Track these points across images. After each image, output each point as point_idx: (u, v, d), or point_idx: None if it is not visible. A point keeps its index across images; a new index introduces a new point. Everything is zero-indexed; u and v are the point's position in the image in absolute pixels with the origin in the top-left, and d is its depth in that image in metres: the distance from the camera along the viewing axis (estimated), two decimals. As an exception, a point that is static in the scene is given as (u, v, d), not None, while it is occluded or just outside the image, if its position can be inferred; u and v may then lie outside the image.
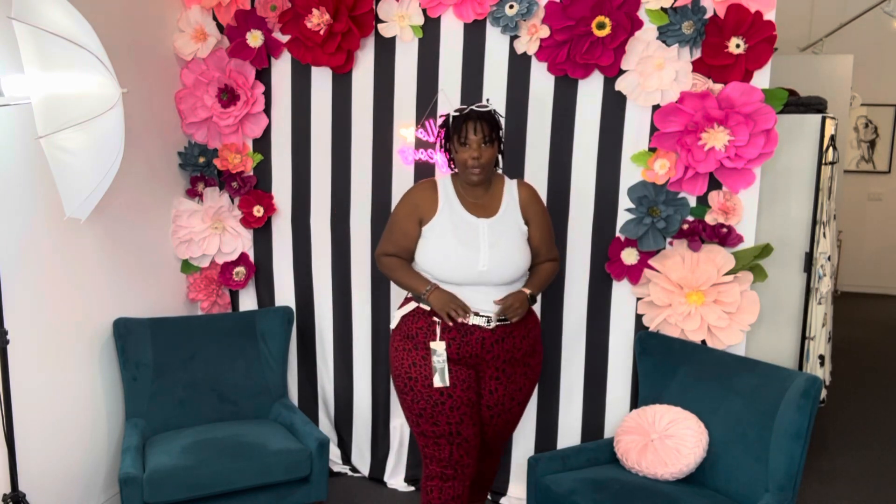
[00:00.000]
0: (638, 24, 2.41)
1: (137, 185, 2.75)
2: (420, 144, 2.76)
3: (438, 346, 2.15)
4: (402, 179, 2.80)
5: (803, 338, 2.89)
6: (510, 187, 2.26)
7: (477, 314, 2.16)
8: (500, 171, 2.28)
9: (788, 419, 2.08)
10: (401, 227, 2.23)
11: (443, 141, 2.20)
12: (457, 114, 2.14)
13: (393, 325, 2.30)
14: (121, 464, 2.33)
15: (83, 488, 2.55)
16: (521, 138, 2.64)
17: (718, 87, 2.36)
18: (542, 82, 2.58)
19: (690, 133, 2.37)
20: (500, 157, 2.20)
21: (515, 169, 2.66)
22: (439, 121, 2.29)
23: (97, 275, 2.58)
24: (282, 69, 2.89)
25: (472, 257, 2.13)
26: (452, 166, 2.25)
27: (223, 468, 2.36)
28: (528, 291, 2.20)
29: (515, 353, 2.23)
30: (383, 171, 2.83)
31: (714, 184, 2.45)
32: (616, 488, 2.20)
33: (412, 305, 2.24)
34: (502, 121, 2.27)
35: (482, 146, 2.10)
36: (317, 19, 2.67)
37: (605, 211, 2.59)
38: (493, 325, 2.17)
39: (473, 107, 2.14)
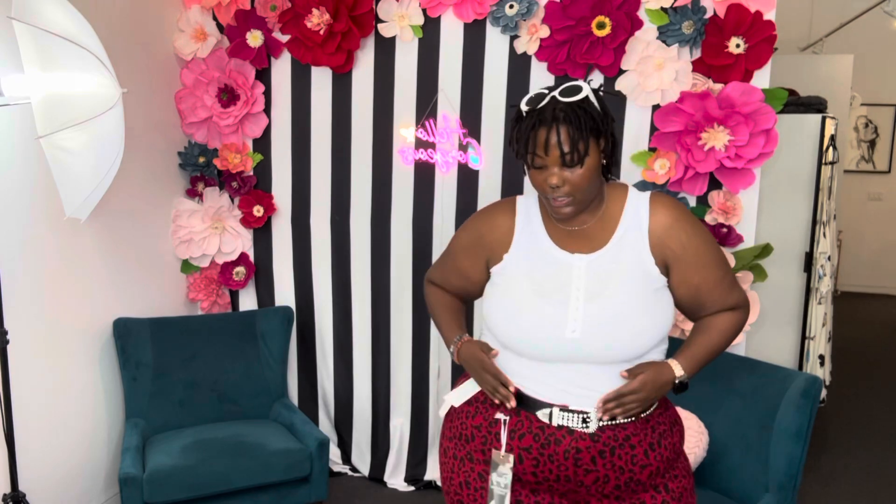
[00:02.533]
0: (638, 24, 2.41)
1: (137, 185, 2.75)
2: (420, 144, 2.76)
3: (501, 460, 1.42)
4: (403, 179, 2.81)
5: (803, 338, 2.89)
6: (636, 205, 1.44)
7: (565, 409, 1.38)
8: (615, 181, 1.50)
9: (788, 419, 2.08)
10: (455, 263, 1.59)
11: (514, 144, 1.40)
12: (526, 108, 1.36)
13: (442, 411, 1.58)
14: (121, 464, 2.33)
15: (83, 488, 2.55)
16: (521, 138, 2.64)
17: (718, 86, 2.36)
18: (542, 82, 2.57)
19: (690, 133, 2.37)
20: (603, 163, 1.40)
21: (515, 171, 2.66)
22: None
23: (97, 275, 2.58)
24: (282, 69, 2.89)
25: (555, 316, 1.38)
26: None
27: (223, 468, 2.36)
28: (675, 369, 1.42)
29: (637, 472, 1.40)
30: (383, 171, 2.83)
31: (714, 184, 2.45)
32: (616, 488, 2.20)
33: (471, 386, 1.53)
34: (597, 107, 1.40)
35: (565, 166, 1.32)
36: (317, 19, 2.67)
37: (605, 211, 2.59)
38: (593, 426, 1.38)
39: (555, 93, 1.33)
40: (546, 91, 1.34)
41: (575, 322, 1.36)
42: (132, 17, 2.68)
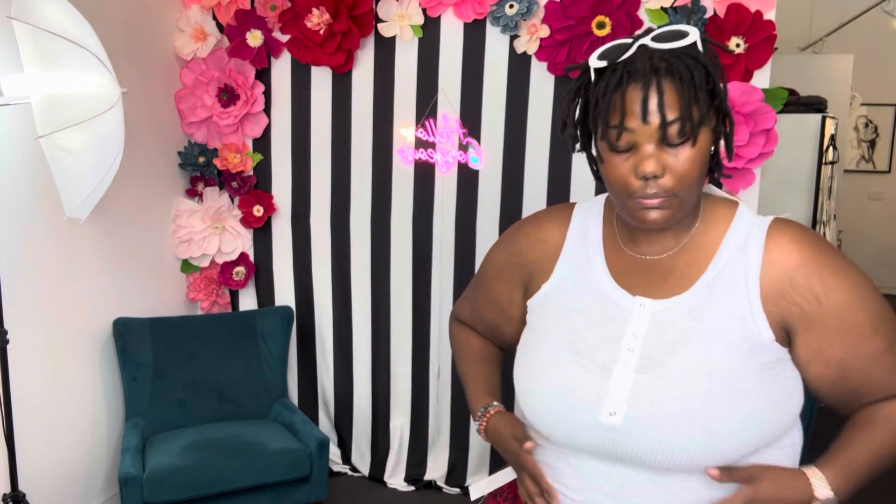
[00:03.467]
0: (638, 24, 2.41)
1: (137, 185, 2.75)
2: (420, 144, 2.75)
3: None
4: (403, 179, 2.80)
5: (803, 337, 2.90)
6: (746, 232, 1.00)
7: None
8: (717, 193, 1.08)
9: (788, 419, 2.08)
10: (487, 289, 1.21)
11: (574, 125, 1.03)
12: (602, 63, 0.93)
13: (473, 496, 1.23)
14: (121, 463, 2.33)
15: (83, 488, 2.55)
16: (520, 138, 2.64)
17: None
18: (542, 82, 2.57)
19: (690, 133, 2.37)
20: (716, 157, 1.01)
21: (515, 170, 2.66)
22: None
23: (97, 275, 2.58)
24: (282, 69, 2.89)
25: (591, 386, 0.98)
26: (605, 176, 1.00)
27: (223, 468, 2.36)
28: (817, 485, 0.98)
29: None
30: (383, 170, 2.83)
31: (714, 183, 2.44)
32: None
33: (505, 476, 1.19)
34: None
35: (667, 144, 0.91)
36: (317, 19, 2.67)
37: (606, 211, 2.59)
38: None
39: (646, 40, 0.92)
40: (629, 40, 0.92)
41: (618, 399, 0.94)
42: (132, 17, 2.68)
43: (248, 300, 3.11)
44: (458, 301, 1.33)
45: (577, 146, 1.04)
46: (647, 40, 0.91)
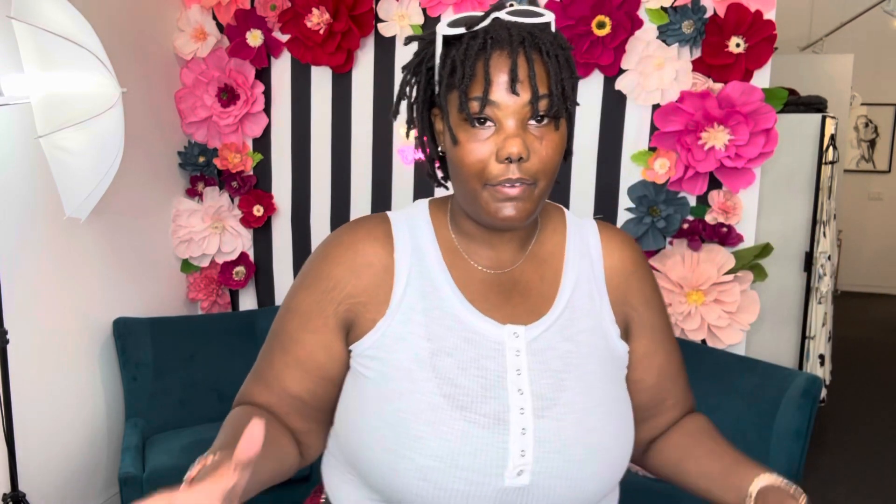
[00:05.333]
0: (638, 24, 2.41)
1: (137, 185, 2.75)
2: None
3: None
4: (402, 179, 2.80)
5: (803, 337, 2.90)
6: (582, 236, 0.97)
7: None
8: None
9: (788, 419, 2.08)
10: (292, 351, 0.90)
11: (413, 111, 0.93)
12: (455, 30, 0.83)
13: None
14: (121, 463, 2.33)
15: (83, 488, 2.55)
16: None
17: (718, 86, 2.36)
18: (542, 82, 2.57)
19: (690, 132, 2.37)
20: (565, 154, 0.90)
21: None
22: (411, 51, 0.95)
23: (97, 274, 2.58)
24: (282, 68, 2.89)
25: (488, 445, 0.82)
26: (439, 175, 0.96)
27: (223, 468, 2.36)
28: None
29: None
30: (383, 170, 2.83)
31: (714, 183, 2.45)
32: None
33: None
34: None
35: (532, 122, 0.81)
36: (317, 19, 2.67)
37: (605, 210, 2.59)
38: None
39: (500, 13, 0.82)
40: (480, 13, 0.82)
41: (522, 455, 0.81)
42: (132, 16, 2.68)
43: (248, 300, 3.11)
44: (244, 384, 0.94)
45: (414, 132, 0.92)
46: (501, 14, 0.82)
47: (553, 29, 0.84)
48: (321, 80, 2.85)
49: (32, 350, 2.31)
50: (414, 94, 0.92)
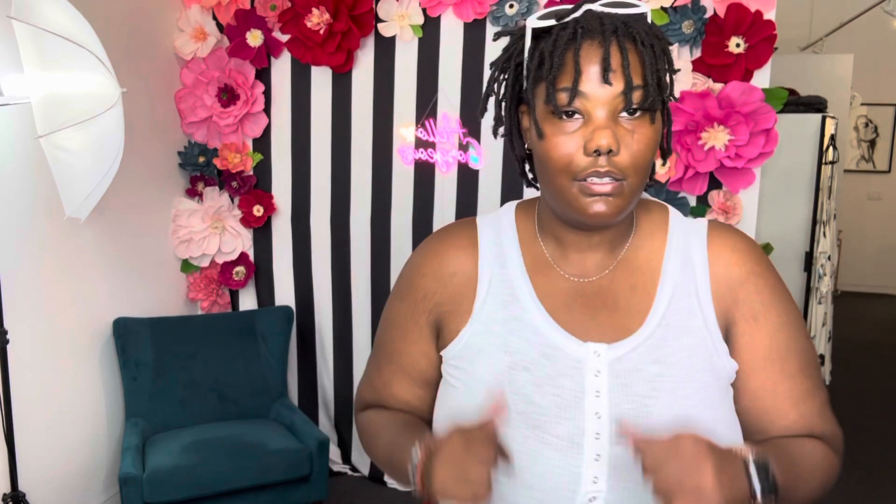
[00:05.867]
0: (638, 24, 2.41)
1: (137, 185, 2.75)
2: (420, 144, 2.76)
3: None
4: (403, 179, 2.80)
5: (803, 337, 2.89)
6: (686, 238, 0.88)
7: None
8: (644, 195, 0.92)
9: (788, 419, 2.08)
10: (394, 361, 0.96)
11: (502, 109, 0.88)
12: (546, 23, 0.78)
13: None
14: (121, 463, 2.33)
15: (83, 488, 2.55)
16: (521, 138, 2.64)
17: (718, 86, 2.36)
18: (542, 82, 2.57)
19: (690, 132, 2.37)
20: (661, 153, 0.85)
21: (514, 172, 2.65)
22: (498, 43, 0.91)
23: (97, 274, 2.58)
24: (282, 68, 2.89)
25: (559, 465, 0.80)
26: (528, 173, 0.93)
27: (223, 468, 2.36)
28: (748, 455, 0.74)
29: None
30: (383, 170, 2.83)
31: (714, 183, 2.45)
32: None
33: None
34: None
35: (624, 115, 0.76)
36: (317, 19, 2.67)
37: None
38: None
39: (594, 5, 0.79)
40: (569, 6, 0.78)
41: (595, 480, 0.79)
42: (132, 16, 2.68)
43: (248, 300, 3.11)
44: (360, 387, 1.03)
45: (502, 129, 0.88)
46: (594, 5, 0.78)
47: (649, 20, 0.79)
48: (321, 80, 2.85)
49: (32, 350, 2.31)
50: (502, 90, 0.87)
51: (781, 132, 2.37)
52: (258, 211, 2.97)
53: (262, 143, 2.98)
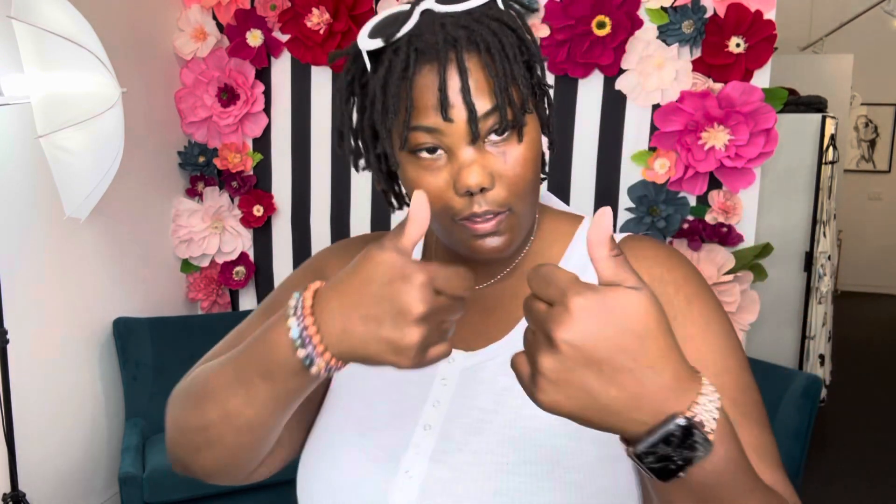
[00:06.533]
0: (638, 24, 2.41)
1: (137, 185, 2.75)
2: (420, 144, 2.76)
3: None
4: (402, 179, 2.80)
5: (803, 337, 2.90)
6: (584, 250, 0.77)
7: None
8: (558, 205, 0.86)
9: (788, 419, 2.08)
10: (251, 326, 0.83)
11: (354, 134, 0.75)
12: (376, 43, 0.64)
13: None
14: (121, 463, 2.33)
15: (83, 487, 2.55)
16: (521, 138, 2.64)
17: (718, 86, 2.36)
18: (542, 82, 2.57)
19: (690, 132, 2.37)
20: (545, 153, 0.74)
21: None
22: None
23: (97, 274, 2.58)
24: (281, 68, 2.89)
25: (374, 488, 0.70)
26: (392, 201, 0.79)
27: (223, 468, 2.36)
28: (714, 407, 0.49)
29: None
30: (383, 170, 2.83)
31: (714, 183, 2.45)
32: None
33: None
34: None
35: (492, 136, 0.65)
36: (317, 18, 2.67)
37: (606, 210, 2.59)
38: None
39: (426, 4, 0.65)
40: (405, 7, 0.66)
41: (402, 494, 0.68)
42: (132, 16, 2.68)
43: (248, 300, 3.11)
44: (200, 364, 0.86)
45: (362, 163, 0.74)
46: (430, 3, 0.64)
47: (500, 4, 0.66)
48: (321, 80, 2.85)
49: (32, 350, 2.31)
50: (353, 118, 0.73)
51: (781, 132, 2.37)
52: (258, 211, 2.97)
53: (262, 143, 2.98)
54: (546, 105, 0.71)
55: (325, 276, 0.79)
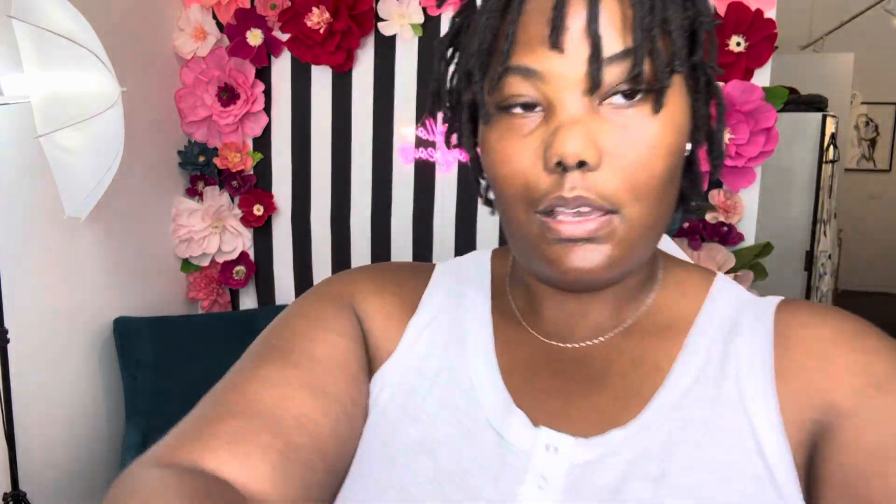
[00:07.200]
0: (638, 23, 2.41)
1: (137, 185, 2.75)
2: (420, 143, 2.76)
3: None
4: (403, 178, 2.80)
5: (804, 336, 2.90)
6: (728, 307, 0.60)
7: None
8: (679, 255, 0.78)
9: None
10: (297, 352, 0.63)
11: (450, 95, 0.55)
12: None
13: None
14: (121, 463, 2.33)
15: (83, 487, 2.55)
16: (521, 137, 2.64)
17: (719, 85, 2.36)
18: (542, 81, 2.57)
19: (691, 131, 2.37)
20: (692, 160, 0.67)
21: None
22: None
23: (97, 274, 2.58)
24: (282, 68, 2.89)
25: None
26: (483, 190, 0.60)
27: (223, 467, 2.36)
28: None
29: None
30: (383, 169, 2.83)
31: (714, 182, 2.45)
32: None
33: None
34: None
35: (616, 100, 0.46)
36: (317, 18, 2.66)
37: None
38: None
39: None
40: None
41: None
42: (132, 16, 2.68)
43: (248, 299, 3.11)
44: (178, 432, 0.60)
45: (454, 137, 0.57)
46: None
47: None
48: (321, 79, 2.85)
49: (32, 349, 2.31)
50: (448, 80, 0.56)
51: (782, 131, 2.37)
52: (258, 210, 2.97)
53: (262, 143, 2.98)
54: (713, 95, 0.53)
55: (354, 301, 0.63)
